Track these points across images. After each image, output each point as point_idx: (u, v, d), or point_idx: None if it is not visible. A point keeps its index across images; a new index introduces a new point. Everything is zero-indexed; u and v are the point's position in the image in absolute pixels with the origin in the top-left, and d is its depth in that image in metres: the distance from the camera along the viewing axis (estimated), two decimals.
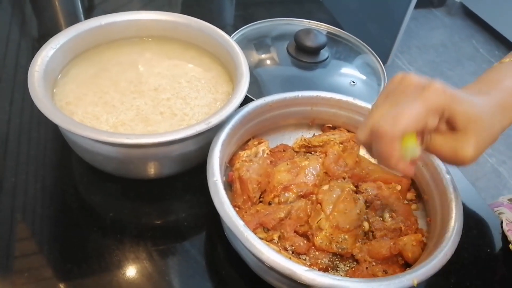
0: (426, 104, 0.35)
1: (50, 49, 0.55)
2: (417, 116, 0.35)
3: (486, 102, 0.38)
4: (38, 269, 0.48)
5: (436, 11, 2.85)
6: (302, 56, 0.74)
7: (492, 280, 0.55)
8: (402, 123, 0.35)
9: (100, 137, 0.46)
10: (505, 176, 1.85)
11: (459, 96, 0.36)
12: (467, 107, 0.36)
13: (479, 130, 0.36)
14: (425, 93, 0.35)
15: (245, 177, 0.50)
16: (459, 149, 0.37)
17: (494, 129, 0.38)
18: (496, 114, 0.38)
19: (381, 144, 0.36)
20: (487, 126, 0.37)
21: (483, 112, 0.37)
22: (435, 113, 0.36)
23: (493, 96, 0.39)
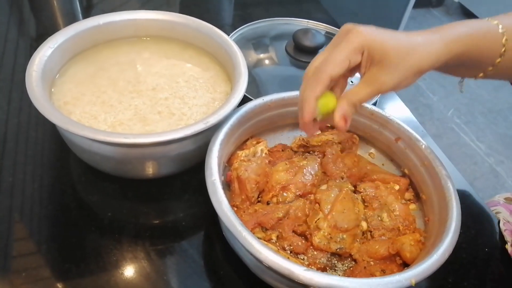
0: (347, 46, 0.40)
1: (48, 48, 0.55)
2: (340, 59, 0.40)
3: (420, 37, 0.42)
4: (36, 269, 0.48)
5: (434, 11, 2.86)
6: (300, 56, 0.74)
7: (490, 279, 0.55)
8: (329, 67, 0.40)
9: (98, 136, 0.46)
10: (503, 176, 1.85)
11: (378, 34, 0.41)
12: (384, 41, 0.40)
13: (392, 59, 0.40)
14: (348, 36, 0.41)
15: (243, 177, 0.50)
16: (377, 79, 0.41)
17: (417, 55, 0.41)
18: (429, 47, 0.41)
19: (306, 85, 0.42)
20: (402, 53, 0.40)
21: (399, 43, 0.41)
22: (356, 52, 0.41)
23: (436, 34, 0.42)
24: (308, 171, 0.53)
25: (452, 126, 2.07)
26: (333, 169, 0.55)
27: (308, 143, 0.59)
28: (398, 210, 0.52)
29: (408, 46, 0.41)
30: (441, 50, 0.42)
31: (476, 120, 2.11)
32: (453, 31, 0.43)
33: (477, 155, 1.94)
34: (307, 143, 0.59)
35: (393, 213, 0.51)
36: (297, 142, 0.59)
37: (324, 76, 0.41)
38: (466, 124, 2.08)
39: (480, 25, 0.45)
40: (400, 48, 0.41)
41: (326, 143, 0.58)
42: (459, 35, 0.43)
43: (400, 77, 0.41)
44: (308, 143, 0.59)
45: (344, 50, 0.40)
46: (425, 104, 2.16)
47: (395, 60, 0.40)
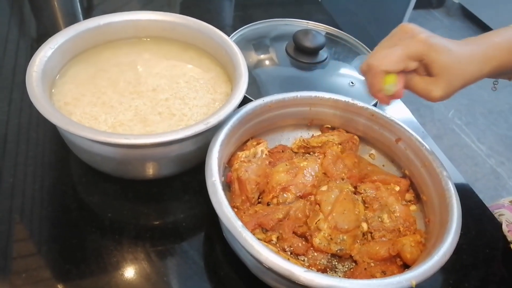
0: (407, 51, 0.44)
1: (49, 49, 0.55)
2: (397, 60, 0.44)
3: (467, 51, 0.45)
4: (36, 270, 0.48)
5: (435, 12, 2.86)
6: (300, 57, 0.74)
7: (491, 280, 0.55)
8: (385, 63, 0.44)
9: (98, 137, 0.46)
10: (504, 177, 1.85)
11: (438, 46, 0.44)
12: (443, 56, 0.44)
13: (450, 76, 0.44)
14: (409, 42, 0.44)
15: (243, 178, 0.50)
16: (430, 91, 0.45)
17: (466, 76, 0.45)
18: (473, 61, 0.45)
19: (369, 75, 0.46)
20: (458, 73, 0.44)
21: (457, 61, 0.44)
22: (414, 58, 0.44)
23: (477, 46, 0.46)
24: (308, 172, 0.53)
25: (452, 127, 2.07)
26: (334, 170, 0.55)
27: (308, 144, 0.59)
28: (399, 211, 0.52)
29: (461, 64, 0.44)
30: (483, 71, 0.45)
31: (476, 121, 2.11)
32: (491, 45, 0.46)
33: (478, 156, 1.94)
34: (308, 144, 0.59)
35: (394, 214, 0.51)
36: (298, 143, 0.59)
37: (380, 72, 0.45)
38: (467, 125, 2.08)
39: None
40: (456, 65, 0.44)
41: (326, 144, 0.58)
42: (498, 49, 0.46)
43: (450, 93, 0.45)
44: (308, 144, 0.58)
45: (402, 51, 0.44)
46: (426, 105, 2.16)
47: (452, 77, 0.44)
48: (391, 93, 0.46)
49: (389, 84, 0.45)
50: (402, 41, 0.45)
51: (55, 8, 0.88)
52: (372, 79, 0.46)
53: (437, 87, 0.45)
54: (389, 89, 0.46)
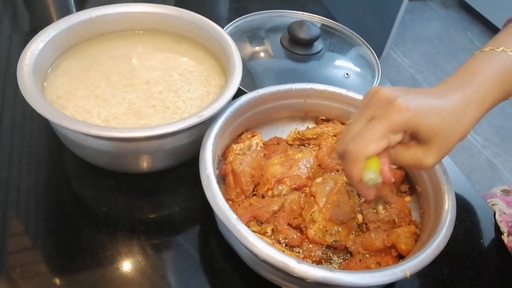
0: (387, 124, 0.37)
1: (40, 42, 0.55)
2: (378, 137, 0.37)
3: (455, 103, 0.39)
4: (31, 264, 0.48)
5: (431, 3, 2.85)
6: (295, 49, 0.73)
7: (485, 271, 0.55)
8: (363, 147, 0.37)
9: (91, 131, 0.45)
10: (500, 168, 1.85)
11: (422, 110, 0.37)
12: (430, 120, 0.37)
13: (441, 140, 0.38)
14: (388, 114, 0.37)
15: (238, 170, 0.50)
16: (422, 160, 0.39)
17: (462, 129, 0.39)
18: (469, 110, 0.39)
19: (347, 162, 0.38)
20: (450, 132, 0.38)
21: (446, 120, 0.38)
22: (397, 131, 0.37)
23: (466, 92, 0.40)
24: (303, 164, 0.53)
25: None
26: (329, 161, 0.55)
27: (303, 136, 0.58)
28: (394, 203, 0.52)
29: (453, 122, 0.38)
30: (478, 115, 0.40)
31: None
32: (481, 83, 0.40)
33: (474, 147, 1.94)
34: (302, 136, 0.58)
35: (389, 205, 0.52)
36: (293, 135, 0.59)
37: (359, 160, 0.37)
38: None
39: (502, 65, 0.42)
40: (447, 127, 0.38)
41: (321, 136, 0.58)
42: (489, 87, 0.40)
43: (445, 154, 0.39)
44: (303, 136, 0.58)
45: (381, 128, 0.37)
46: None
47: (443, 142, 0.38)
48: (377, 183, 0.39)
49: (371, 171, 0.38)
50: (379, 113, 0.38)
51: (48, 1, 0.87)
52: (351, 167, 0.38)
53: (428, 154, 0.38)
54: (374, 179, 0.38)
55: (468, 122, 0.39)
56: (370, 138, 0.37)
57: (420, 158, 0.39)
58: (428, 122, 0.37)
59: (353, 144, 0.38)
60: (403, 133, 0.38)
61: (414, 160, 0.39)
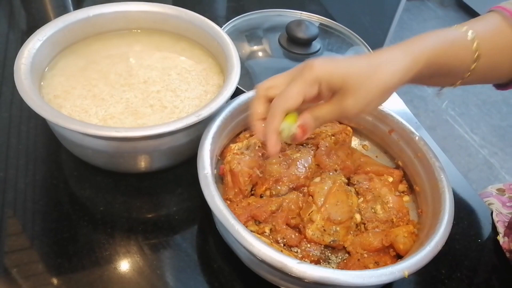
0: (302, 81, 0.41)
1: (37, 41, 0.54)
2: (295, 95, 0.41)
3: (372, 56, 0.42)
4: (28, 264, 0.47)
5: (429, 3, 2.85)
6: (294, 48, 0.73)
7: (483, 270, 0.55)
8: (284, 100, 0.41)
9: (89, 130, 0.45)
10: (497, 168, 1.86)
11: (335, 66, 0.41)
12: (342, 71, 0.41)
13: (356, 86, 0.40)
14: (302, 72, 0.41)
15: (236, 170, 0.50)
16: (342, 107, 0.41)
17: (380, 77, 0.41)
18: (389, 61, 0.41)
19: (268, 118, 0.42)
20: (364, 78, 0.40)
21: (359, 68, 0.41)
22: (311, 85, 0.41)
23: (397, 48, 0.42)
24: (301, 164, 0.53)
25: (446, 118, 2.07)
26: (327, 161, 0.55)
27: None
28: (392, 202, 0.52)
29: (370, 69, 0.41)
30: (407, 65, 0.41)
31: (470, 112, 2.12)
32: (418, 43, 0.43)
33: (471, 146, 1.95)
34: None
35: (387, 205, 0.51)
36: None
37: (279, 111, 0.41)
38: (460, 116, 2.09)
39: (446, 34, 0.44)
40: (361, 73, 0.40)
41: (319, 136, 0.58)
42: (425, 46, 0.42)
43: (366, 100, 0.41)
44: None
45: (297, 85, 0.41)
46: (420, 96, 2.16)
47: (357, 85, 0.40)
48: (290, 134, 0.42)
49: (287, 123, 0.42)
50: (297, 75, 0.42)
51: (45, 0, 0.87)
52: (271, 120, 0.42)
53: (347, 98, 0.41)
54: (288, 129, 0.42)
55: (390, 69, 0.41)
56: (288, 95, 0.41)
57: (339, 102, 0.41)
58: (339, 71, 0.41)
59: (275, 100, 0.42)
60: (317, 86, 0.41)
61: (337, 108, 0.42)
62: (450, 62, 0.44)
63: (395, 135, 0.57)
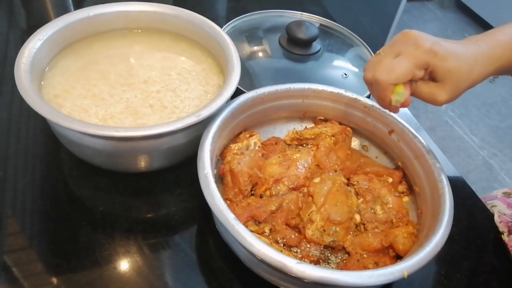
0: (414, 62, 0.44)
1: (37, 40, 0.54)
2: (406, 71, 0.44)
3: (472, 52, 0.46)
4: (27, 264, 0.47)
5: (429, 4, 2.86)
6: (294, 48, 0.73)
7: (482, 271, 0.55)
8: (393, 77, 0.44)
9: (89, 130, 0.45)
10: (496, 169, 1.86)
11: (443, 54, 0.44)
12: (447, 63, 0.44)
13: (455, 80, 0.45)
14: (413, 51, 0.44)
15: (236, 170, 0.50)
16: (435, 96, 0.46)
17: (472, 77, 0.45)
18: (479, 62, 0.46)
19: (378, 89, 0.46)
20: (463, 76, 0.45)
21: (462, 64, 0.45)
22: (421, 67, 0.45)
23: (481, 46, 0.46)
24: (301, 164, 0.53)
25: (446, 119, 2.07)
26: (326, 162, 0.55)
27: (301, 136, 0.58)
28: (391, 203, 0.52)
29: (465, 71, 0.45)
30: (488, 71, 0.46)
31: (469, 113, 2.12)
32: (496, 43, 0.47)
33: (471, 148, 1.95)
34: (301, 136, 0.58)
35: (386, 205, 0.51)
36: (291, 135, 0.59)
37: (389, 88, 0.45)
38: (460, 117, 2.09)
39: None
40: (461, 69, 0.44)
41: (319, 136, 0.58)
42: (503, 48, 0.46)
43: (455, 96, 0.46)
44: (301, 136, 0.58)
45: (408, 63, 0.44)
46: None
47: (456, 82, 0.45)
48: (403, 100, 0.46)
49: (398, 95, 0.46)
50: (406, 50, 0.45)
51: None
52: (381, 93, 0.46)
53: (442, 91, 0.45)
54: (399, 100, 0.46)
55: (478, 71, 0.45)
56: (399, 70, 0.44)
57: (435, 93, 0.46)
58: (446, 64, 0.44)
59: (384, 74, 0.45)
60: (424, 70, 0.45)
61: (431, 94, 0.46)
62: None
63: (395, 136, 0.57)
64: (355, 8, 2.01)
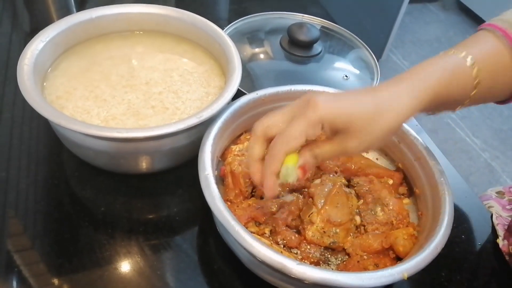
0: (304, 122, 0.39)
1: (40, 42, 0.55)
2: (297, 136, 0.39)
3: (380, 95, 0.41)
4: (29, 264, 0.48)
5: (430, 6, 2.86)
6: (295, 50, 0.73)
7: (482, 273, 0.55)
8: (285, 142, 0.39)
9: (91, 131, 0.45)
10: (498, 171, 1.86)
11: (339, 105, 0.40)
12: (347, 112, 0.39)
13: (357, 129, 0.39)
14: (305, 110, 0.39)
15: (237, 172, 0.50)
16: (343, 144, 0.40)
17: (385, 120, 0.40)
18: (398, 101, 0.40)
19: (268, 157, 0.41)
20: (368, 121, 0.40)
21: (364, 109, 0.40)
22: (314, 127, 0.39)
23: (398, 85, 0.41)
24: None
25: (447, 121, 2.07)
26: (327, 163, 0.55)
27: None
28: (392, 205, 0.52)
29: (375, 112, 0.40)
30: (412, 105, 0.41)
31: (471, 115, 2.12)
32: (421, 78, 0.42)
33: (473, 150, 1.95)
34: None
35: (387, 207, 0.52)
36: None
37: (279, 154, 0.40)
38: (462, 119, 2.09)
39: (446, 63, 0.43)
40: (365, 116, 0.40)
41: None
42: (429, 83, 0.41)
43: (369, 142, 0.40)
44: None
45: (299, 125, 0.39)
46: None
47: (361, 129, 0.40)
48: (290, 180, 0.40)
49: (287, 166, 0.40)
50: (298, 112, 0.40)
51: (48, 1, 0.87)
52: (270, 161, 0.40)
53: (350, 138, 0.40)
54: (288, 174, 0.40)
55: (393, 111, 0.40)
56: (290, 136, 0.39)
57: (342, 142, 0.40)
58: (343, 112, 0.39)
59: (276, 141, 0.40)
60: (319, 128, 0.40)
61: (339, 148, 0.41)
62: (452, 93, 0.43)
63: (396, 137, 0.57)
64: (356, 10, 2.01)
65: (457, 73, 0.43)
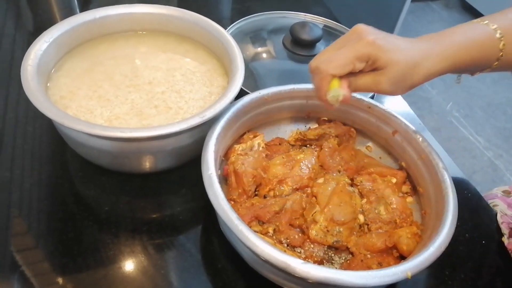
0: (354, 53, 0.44)
1: (44, 42, 0.55)
2: (345, 61, 0.44)
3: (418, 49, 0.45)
4: (34, 263, 0.48)
5: (433, 5, 2.85)
6: (298, 50, 0.73)
7: (487, 272, 0.55)
8: (332, 67, 0.45)
9: (94, 131, 0.46)
10: (502, 170, 1.85)
11: (385, 47, 0.44)
12: (388, 54, 0.44)
13: (395, 71, 0.44)
14: (356, 44, 0.44)
15: (240, 171, 0.50)
16: (377, 81, 0.45)
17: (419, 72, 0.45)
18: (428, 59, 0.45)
19: (316, 77, 0.47)
20: (405, 69, 0.44)
21: (404, 58, 0.44)
22: (361, 59, 0.44)
23: (433, 44, 0.46)
24: (305, 165, 0.53)
25: (451, 120, 2.07)
26: (330, 162, 0.55)
27: (305, 137, 0.58)
28: (395, 203, 0.52)
29: (414, 64, 0.44)
30: (438, 67, 0.45)
31: (475, 114, 2.11)
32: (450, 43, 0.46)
33: (476, 148, 1.94)
34: (304, 136, 0.58)
35: (390, 206, 0.52)
36: (294, 135, 0.59)
37: (328, 76, 0.45)
38: (465, 118, 2.08)
39: (477, 34, 0.46)
40: (406, 65, 0.44)
41: (323, 137, 0.58)
42: (457, 48, 0.45)
43: (399, 89, 0.46)
44: (305, 136, 0.58)
45: (348, 55, 0.44)
46: (424, 98, 2.16)
47: (397, 75, 0.44)
48: (337, 100, 0.46)
49: (334, 91, 0.46)
50: (350, 43, 0.45)
51: (51, 1, 0.88)
52: (319, 82, 0.46)
53: (384, 78, 0.45)
54: (334, 96, 0.46)
55: (426, 67, 0.45)
56: (339, 61, 0.44)
57: (377, 80, 0.45)
58: (387, 55, 0.44)
59: (324, 64, 0.45)
60: (365, 63, 0.45)
61: (373, 81, 0.46)
62: (476, 62, 0.47)
63: (399, 136, 0.57)
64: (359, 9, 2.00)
65: (485, 44, 0.46)
